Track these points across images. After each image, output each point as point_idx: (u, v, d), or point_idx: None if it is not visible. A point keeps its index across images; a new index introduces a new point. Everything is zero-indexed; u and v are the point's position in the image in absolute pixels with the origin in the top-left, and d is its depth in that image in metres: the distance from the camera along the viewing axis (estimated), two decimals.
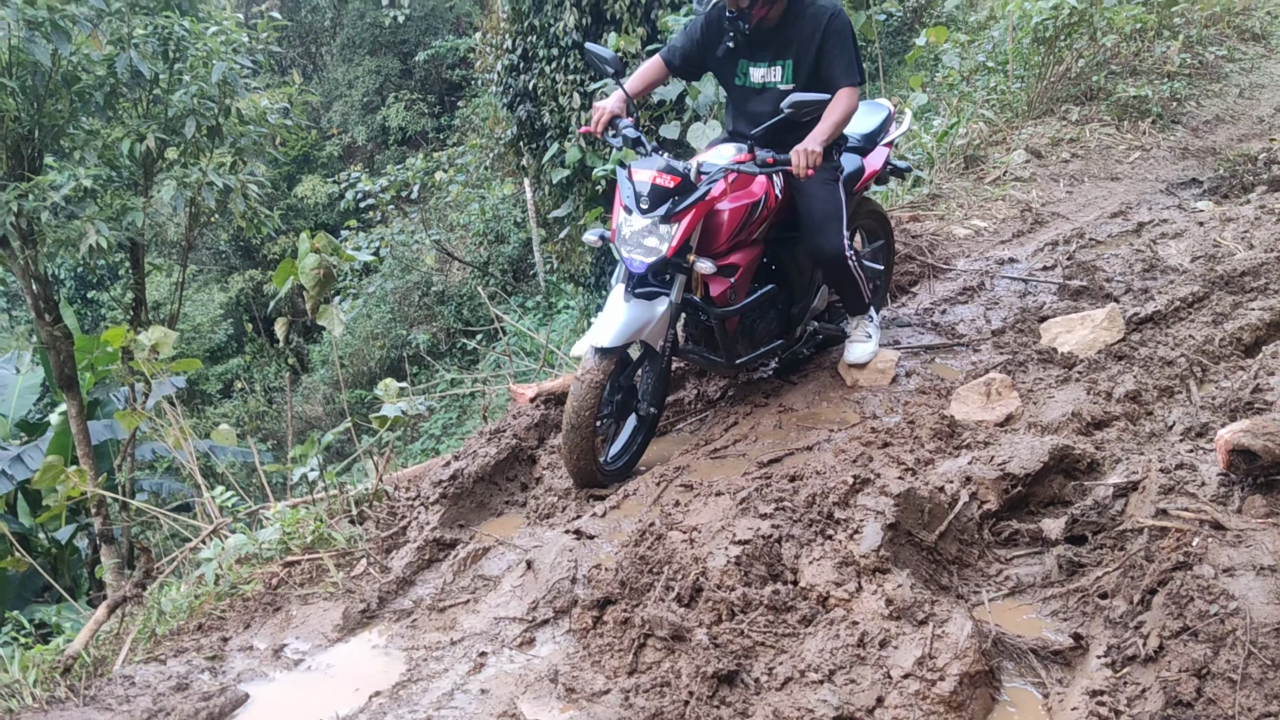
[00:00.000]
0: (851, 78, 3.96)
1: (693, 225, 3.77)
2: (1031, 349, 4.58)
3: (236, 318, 21.86)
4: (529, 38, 11.45)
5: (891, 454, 3.77)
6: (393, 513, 3.86)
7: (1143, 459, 3.44)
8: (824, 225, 4.13)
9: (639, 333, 3.77)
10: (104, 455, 9.86)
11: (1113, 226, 6.05)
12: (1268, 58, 9.12)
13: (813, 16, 3.97)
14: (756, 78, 4.15)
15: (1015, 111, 7.92)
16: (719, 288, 3.98)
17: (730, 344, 4.14)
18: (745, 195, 3.97)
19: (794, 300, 4.40)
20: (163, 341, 5.24)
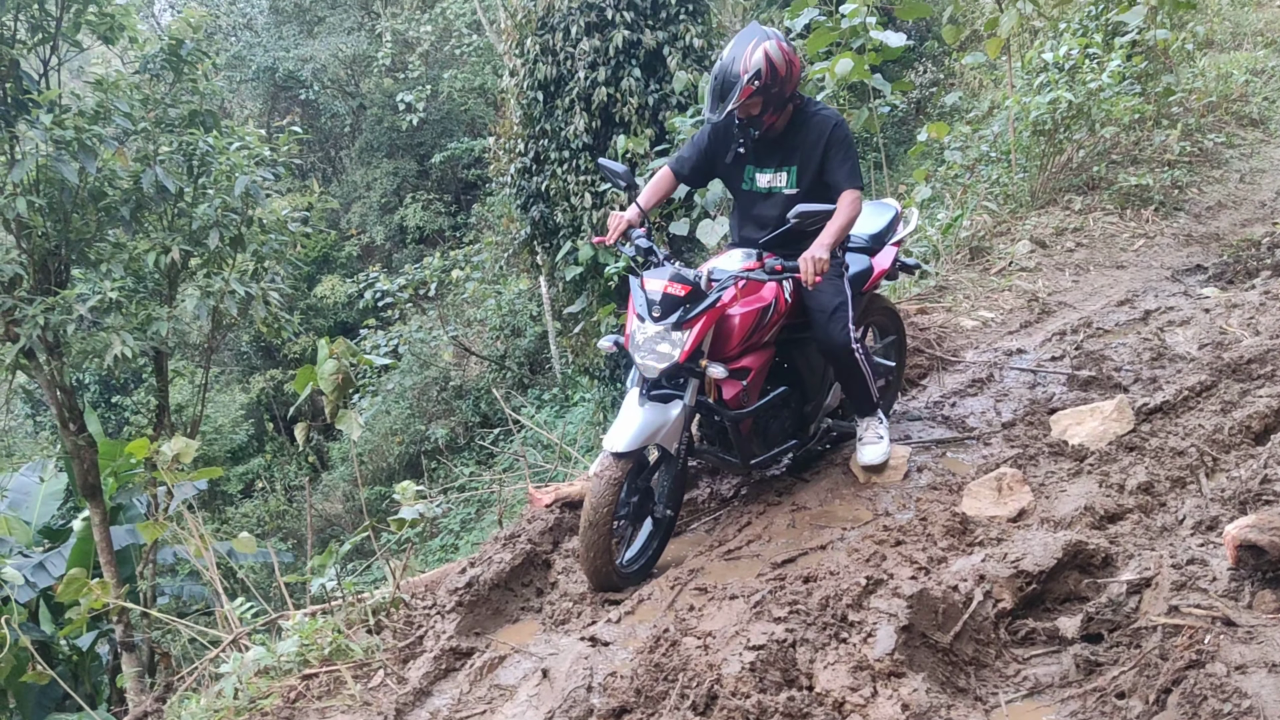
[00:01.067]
0: (854, 183, 4.09)
1: (704, 331, 3.87)
2: (1042, 442, 4.61)
3: (258, 417, 22.05)
4: (541, 141, 11.74)
5: (904, 553, 3.79)
6: (409, 622, 3.89)
7: (1155, 554, 3.44)
8: (831, 318, 4.22)
9: (654, 436, 3.84)
10: (126, 560, 9.91)
11: (1119, 315, 6.11)
12: (1267, 142, 9.26)
13: (817, 125, 4.14)
14: (762, 183, 4.29)
15: (1019, 202, 8.05)
16: (732, 391, 4.05)
17: (745, 444, 4.19)
18: (756, 300, 4.08)
19: (807, 399, 4.47)
20: (185, 451, 5.33)
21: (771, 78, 3.99)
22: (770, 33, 4.08)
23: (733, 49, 4.04)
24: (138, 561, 9.86)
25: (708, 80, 4.23)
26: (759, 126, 4.14)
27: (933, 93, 14.99)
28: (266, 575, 12.30)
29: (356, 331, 19.01)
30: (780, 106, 4.11)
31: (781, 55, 4.02)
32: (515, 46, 11.93)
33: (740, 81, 3.95)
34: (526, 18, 11.54)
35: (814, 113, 4.19)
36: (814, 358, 4.44)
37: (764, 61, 3.96)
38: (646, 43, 11.28)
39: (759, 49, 3.97)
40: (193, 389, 17.76)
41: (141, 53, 8.88)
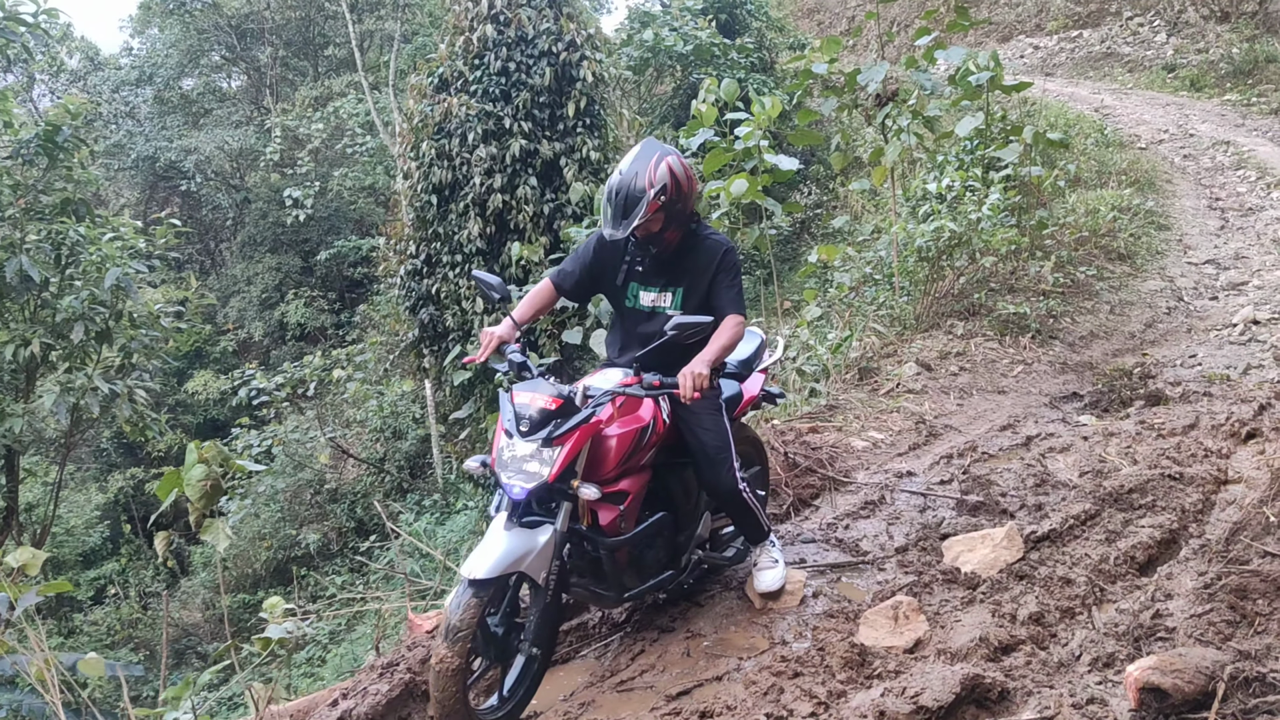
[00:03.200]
0: (739, 309, 3.98)
1: (576, 449, 3.61)
2: (935, 569, 4.58)
3: (114, 518, 20.85)
4: (433, 244, 11.66)
5: (803, 685, 3.66)
6: None
7: (1054, 693, 3.40)
8: (717, 460, 4.10)
9: (518, 563, 3.50)
10: None
11: (1003, 439, 6.23)
12: (1134, 276, 9.77)
13: (708, 249, 4.02)
14: (646, 301, 4.12)
15: (904, 325, 8.26)
16: (609, 515, 3.80)
17: (619, 576, 3.91)
18: (633, 420, 3.89)
19: (681, 528, 4.22)
20: (31, 563, 4.94)
21: (676, 193, 3.89)
22: (669, 149, 3.98)
23: (633, 164, 3.89)
24: None
25: (604, 195, 4.02)
26: (658, 244, 4.02)
27: (818, 214, 15.51)
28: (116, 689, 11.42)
29: (228, 430, 18.26)
30: (681, 223, 3.99)
31: (683, 170, 3.94)
32: (410, 150, 11.91)
33: (646, 196, 3.81)
34: (423, 121, 11.56)
35: (706, 236, 4.07)
36: (689, 483, 4.25)
37: (669, 176, 3.85)
38: (544, 153, 11.39)
39: (662, 163, 3.87)
40: (45, 488, 16.68)
41: (15, 137, 8.52)
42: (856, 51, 22.87)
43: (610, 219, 3.90)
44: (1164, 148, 15.31)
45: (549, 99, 11.55)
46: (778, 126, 9.83)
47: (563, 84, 11.63)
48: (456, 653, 3.37)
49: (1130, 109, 17.81)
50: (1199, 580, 3.72)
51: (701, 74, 16.29)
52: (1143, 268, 9.90)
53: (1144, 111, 17.57)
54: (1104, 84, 20.53)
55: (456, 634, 3.37)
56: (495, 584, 3.49)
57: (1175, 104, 18.09)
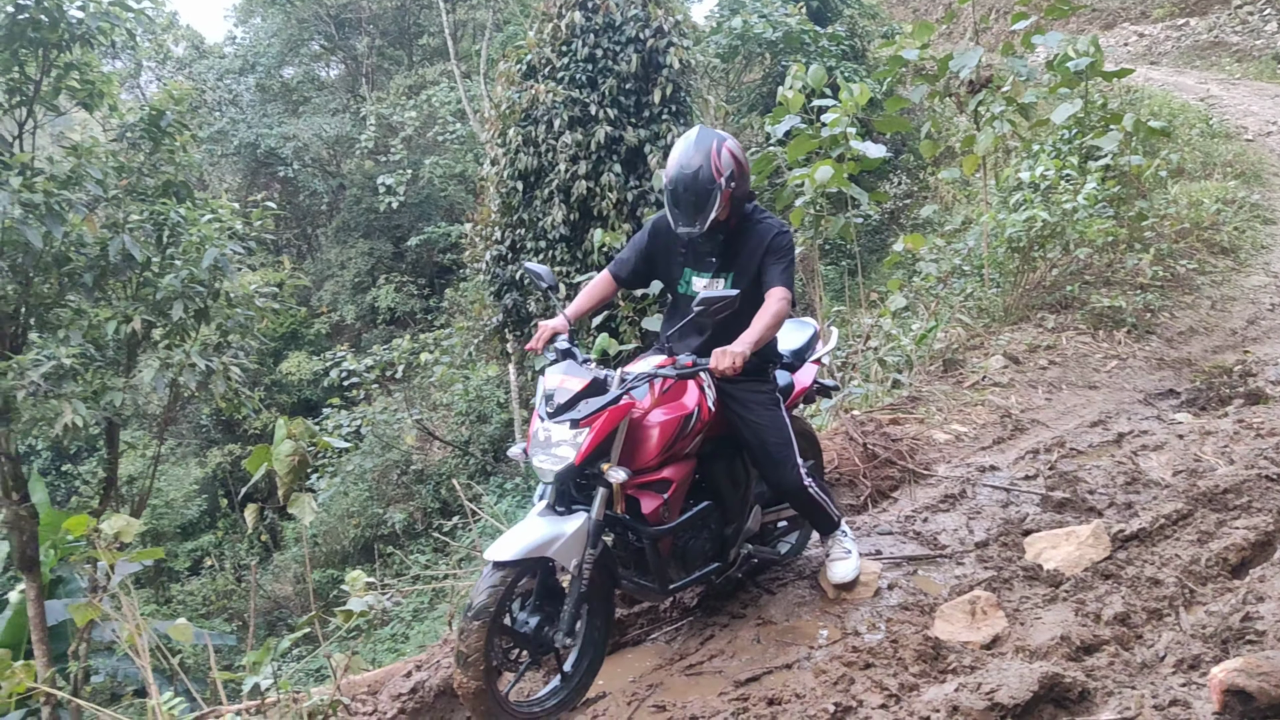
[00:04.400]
0: (784, 283, 3.84)
1: (603, 431, 3.52)
2: (1016, 564, 4.47)
3: (212, 493, 21.56)
4: (518, 230, 11.77)
5: (874, 677, 3.61)
6: None
7: (1136, 694, 3.29)
8: (779, 459, 4.03)
9: (545, 548, 3.41)
10: (61, 636, 9.51)
11: (1093, 436, 6.05)
12: (1237, 271, 9.39)
13: (760, 233, 3.93)
14: (699, 287, 4.02)
15: (992, 317, 8.06)
16: (651, 504, 3.73)
17: (663, 567, 3.85)
18: (677, 408, 3.81)
19: (728, 520, 4.15)
20: (125, 530, 5.10)
21: (741, 176, 3.83)
22: (723, 134, 3.89)
23: (692, 155, 3.77)
24: (73, 637, 9.45)
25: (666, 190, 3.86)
26: (723, 230, 3.92)
27: (907, 204, 15.24)
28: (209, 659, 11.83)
29: (320, 410, 18.73)
30: (741, 206, 3.92)
31: (740, 152, 3.88)
32: (498, 136, 12.03)
33: (718, 187, 3.74)
34: (511, 109, 11.66)
35: (759, 220, 3.97)
36: (738, 474, 4.18)
37: (734, 162, 3.79)
38: (628, 140, 11.40)
39: (724, 149, 3.79)
40: (145, 461, 17.33)
41: (121, 121, 8.83)
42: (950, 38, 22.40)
43: (684, 217, 3.80)
44: (1272, 140, 14.68)
45: (635, 86, 11.56)
46: (866, 114, 9.67)
47: (649, 71, 11.62)
48: (476, 637, 3.31)
49: (1237, 99, 17.12)
50: None
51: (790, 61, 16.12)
52: (1246, 262, 9.50)
53: (1251, 102, 16.87)
54: (1210, 73, 19.77)
55: (476, 615, 3.31)
56: (520, 567, 3.42)
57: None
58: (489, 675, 3.36)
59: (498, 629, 3.40)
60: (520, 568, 3.42)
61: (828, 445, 6.07)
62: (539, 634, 3.54)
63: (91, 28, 8.02)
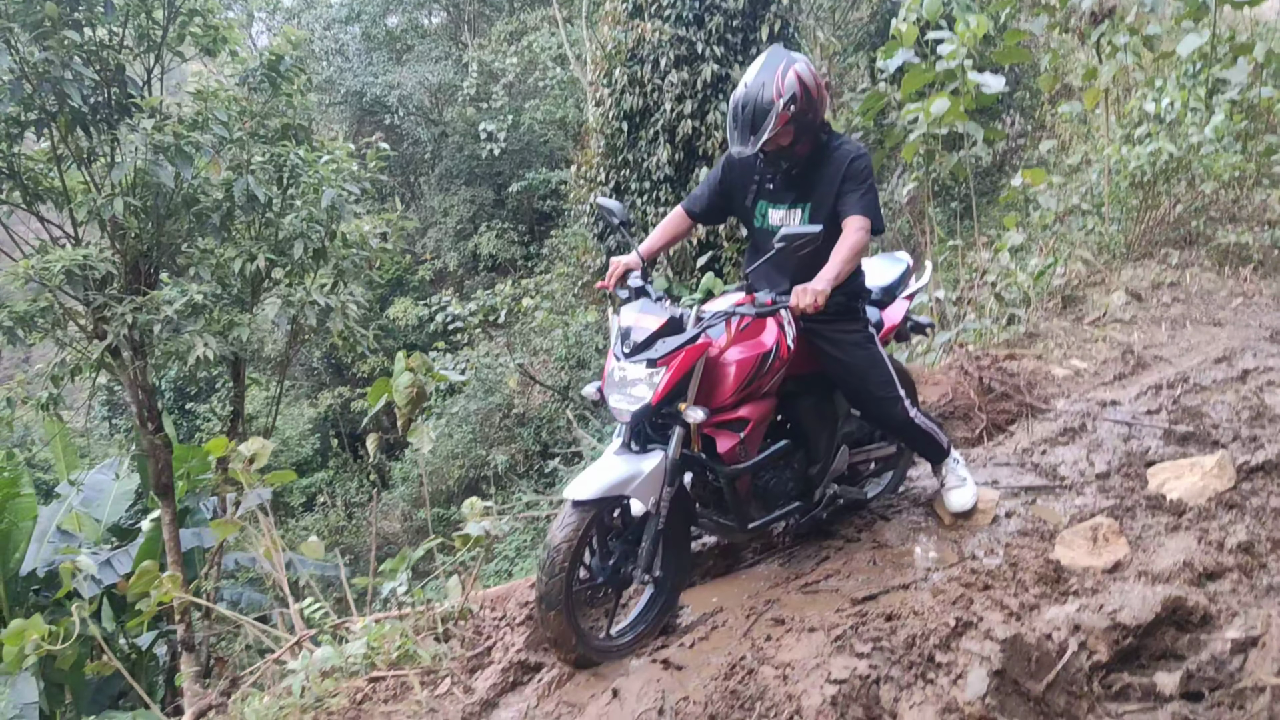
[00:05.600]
0: (865, 211, 3.73)
1: (680, 370, 3.49)
2: (1139, 494, 4.42)
3: (324, 433, 22.33)
4: (622, 171, 11.82)
5: (993, 597, 3.63)
6: (478, 632, 3.83)
7: (1262, 613, 3.26)
8: (882, 396, 4.00)
9: (622, 487, 3.43)
10: (190, 563, 10.03)
11: (1217, 372, 5.89)
12: None
13: (837, 159, 3.81)
14: (775, 219, 3.94)
15: (1113, 253, 7.85)
16: (728, 443, 3.70)
17: (741, 506, 3.84)
18: (755, 346, 3.75)
19: (812, 460, 4.10)
20: (260, 453, 5.35)
21: (806, 102, 3.69)
22: (796, 55, 3.78)
23: (759, 75, 3.68)
24: (201, 564, 9.97)
25: (730, 110, 3.78)
26: (790, 158, 3.82)
27: (1021, 144, 14.80)
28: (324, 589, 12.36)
29: (426, 354, 19.19)
30: (812, 135, 3.79)
31: (812, 77, 3.74)
32: (603, 77, 12.05)
33: (775, 108, 3.62)
34: (616, 48, 11.66)
35: (836, 147, 3.84)
36: (823, 413, 4.11)
37: (798, 84, 3.66)
38: (735, 78, 11.30)
39: (790, 71, 3.67)
40: (265, 400, 18.03)
41: (241, 67, 9.11)
42: None
43: (738, 135, 3.72)
44: None
45: (742, 23, 11.45)
46: (983, 48, 9.42)
47: (756, 7, 11.49)
48: (557, 574, 3.34)
49: None
50: None
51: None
52: None
53: None
54: None
55: (557, 553, 3.35)
56: (599, 506, 3.44)
57: None
58: (570, 611, 3.41)
59: (578, 566, 3.45)
60: (599, 506, 3.44)
61: (942, 380, 6.03)
62: (618, 570, 3.60)
63: None
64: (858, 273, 4.03)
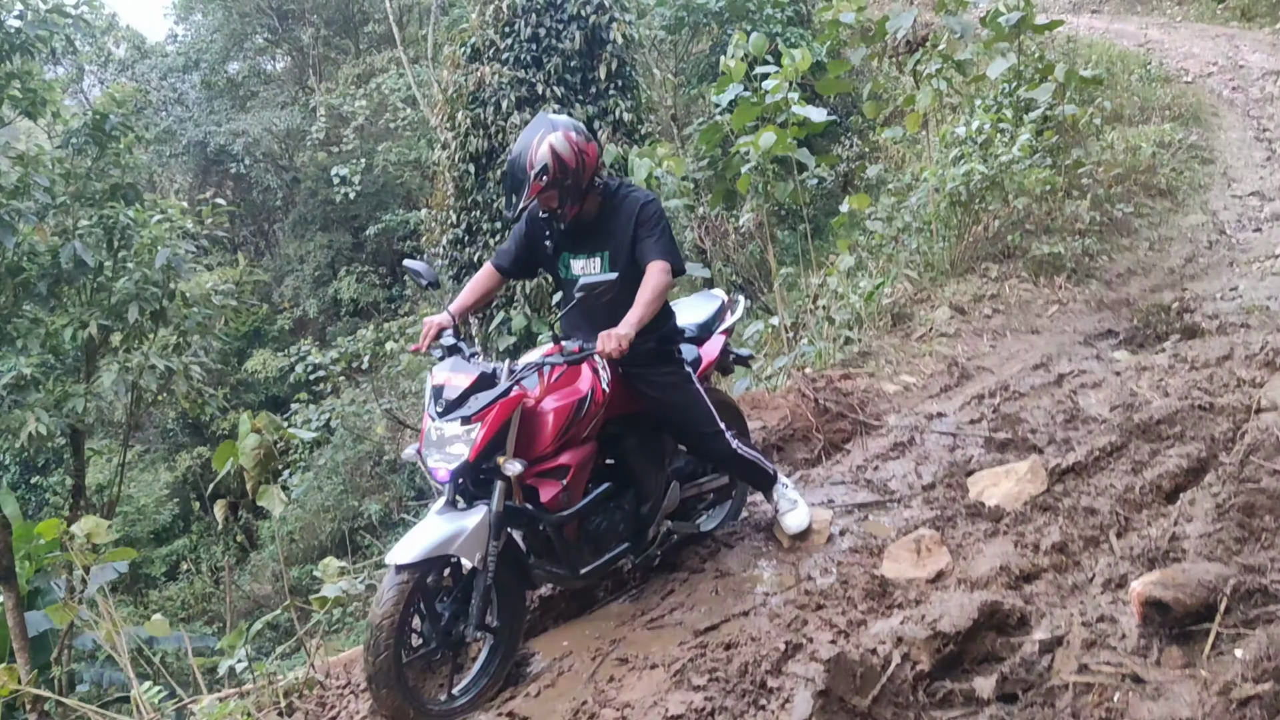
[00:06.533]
0: (665, 256, 3.88)
1: (496, 424, 3.53)
2: (960, 503, 4.66)
3: (183, 497, 21.51)
4: (473, 213, 11.84)
5: (825, 616, 3.79)
6: (322, 704, 3.78)
7: (1066, 613, 3.49)
8: (704, 432, 4.17)
9: (446, 546, 3.43)
10: (44, 646, 9.54)
11: (1035, 378, 6.25)
12: (1175, 211, 9.64)
13: (628, 207, 3.96)
14: (577, 269, 4.06)
15: (939, 270, 8.26)
16: (551, 491, 3.76)
17: (571, 552, 3.90)
18: (570, 393, 3.83)
19: (642, 500, 4.18)
20: (96, 531, 5.17)
21: (561, 171, 3.77)
22: (559, 123, 3.86)
23: (521, 141, 3.82)
24: (55, 647, 9.51)
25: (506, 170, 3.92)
26: (563, 219, 3.95)
27: (859, 167, 15.40)
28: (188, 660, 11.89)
29: (288, 406, 18.72)
30: (577, 198, 3.89)
31: (569, 147, 3.80)
32: (446, 120, 12.07)
33: (528, 178, 3.75)
34: (458, 92, 11.70)
35: (625, 195, 4.00)
36: (651, 453, 4.21)
37: (550, 156, 3.75)
38: (577, 117, 11.47)
39: (544, 144, 3.76)
40: (113, 468, 17.30)
41: (66, 127, 8.82)
42: None
43: (505, 196, 3.88)
44: (1212, 80, 14.96)
45: (580, 63, 11.64)
46: (810, 79, 9.80)
47: (593, 47, 11.70)
48: (383, 644, 3.31)
49: (1178, 42, 17.38)
50: (1213, 502, 3.76)
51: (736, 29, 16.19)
52: (1184, 203, 9.75)
53: (1193, 44, 17.14)
54: (1151, 18, 20.03)
55: (380, 630, 3.32)
56: (422, 569, 3.44)
57: (1225, 35, 17.61)
58: (403, 686, 3.40)
59: (404, 637, 3.44)
60: (423, 568, 3.44)
61: (781, 404, 6.24)
62: (449, 632, 3.59)
63: (30, 36, 8.02)
64: (668, 316, 4.19)
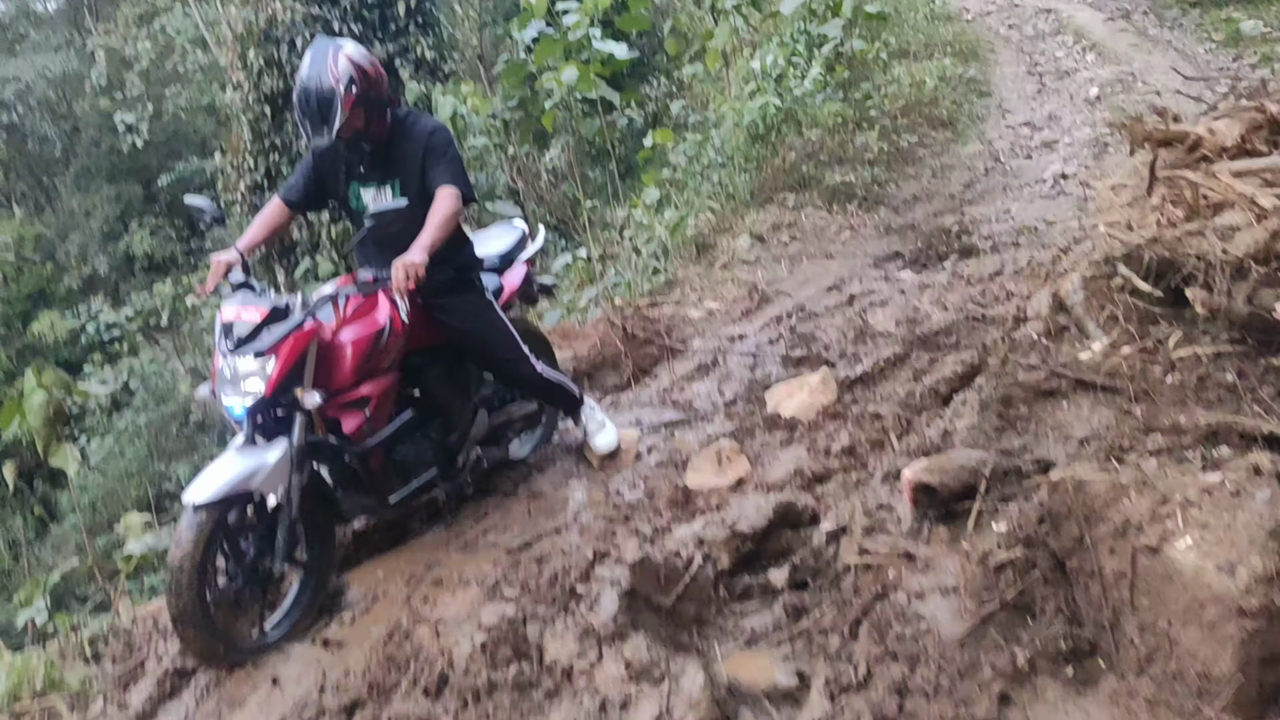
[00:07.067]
0: (454, 182, 3.85)
1: (291, 357, 3.49)
2: (759, 416, 4.93)
3: None
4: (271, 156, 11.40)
5: (632, 526, 3.97)
6: (130, 647, 3.71)
7: (849, 505, 3.78)
8: (508, 358, 4.25)
9: (246, 482, 3.39)
10: None
11: (828, 300, 6.60)
12: (955, 141, 10.24)
13: (416, 135, 3.92)
14: (368, 199, 4.00)
15: (740, 201, 8.55)
16: (353, 422, 3.76)
17: (379, 482, 3.93)
18: (368, 325, 3.82)
19: (449, 429, 4.25)
20: None
21: (365, 82, 3.73)
22: (340, 41, 3.83)
23: (311, 67, 3.70)
24: None
25: (295, 106, 3.79)
26: (369, 139, 3.87)
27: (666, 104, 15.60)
28: None
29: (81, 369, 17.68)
30: (381, 112, 3.86)
31: (365, 58, 3.79)
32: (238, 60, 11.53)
33: (338, 94, 3.65)
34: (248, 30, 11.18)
35: (413, 123, 3.96)
36: (456, 382, 4.26)
37: (352, 68, 3.69)
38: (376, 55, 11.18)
39: (340, 57, 3.70)
40: None
41: None
42: None
43: (311, 128, 3.73)
44: (990, 19, 15.85)
45: None
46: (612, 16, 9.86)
47: None
48: (184, 590, 3.28)
49: None
50: (978, 399, 4.12)
51: None
52: (963, 133, 10.37)
53: None
54: None
55: (180, 573, 3.27)
56: (221, 508, 3.40)
57: None
58: (209, 625, 3.36)
59: (207, 577, 3.38)
60: (223, 506, 3.40)
61: (591, 333, 6.38)
62: (256, 569, 3.56)
63: None
64: (464, 243, 4.21)
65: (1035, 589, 2.95)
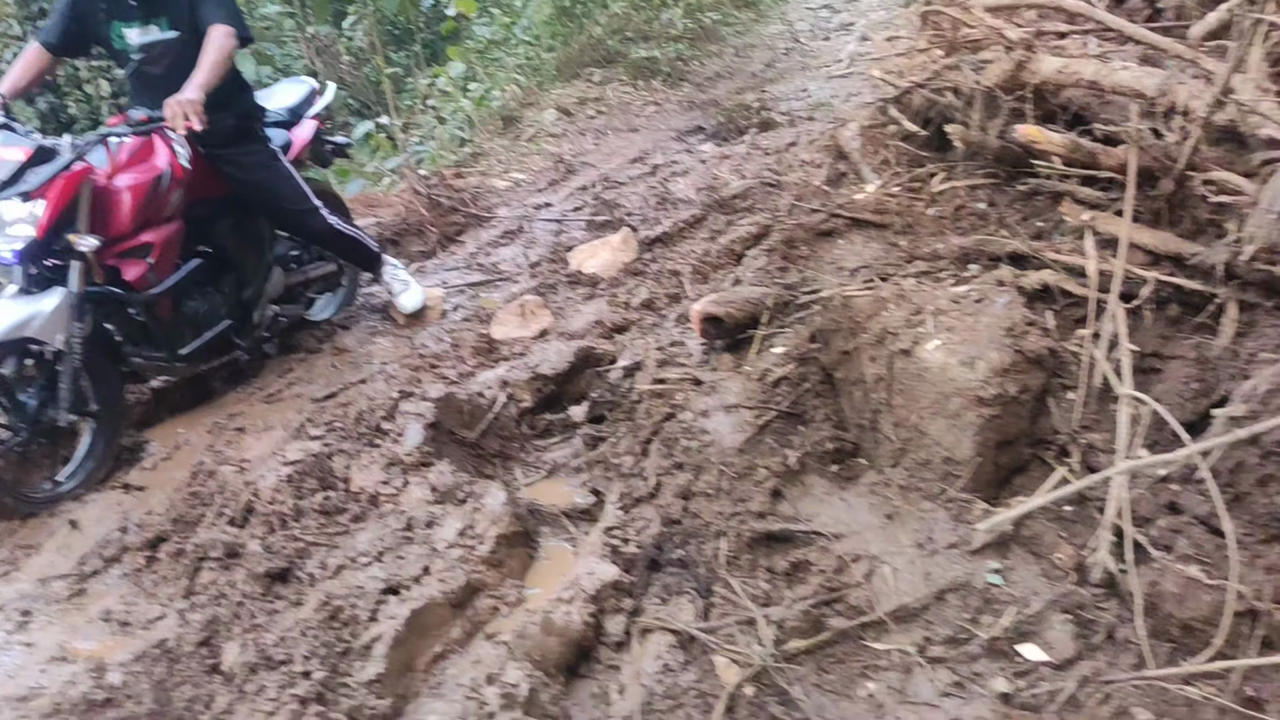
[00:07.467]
0: (224, 18, 3.66)
1: (63, 199, 3.35)
2: (562, 274, 5.08)
3: None
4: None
5: (438, 372, 4.09)
6: None
7: (644, 343, 4.00)
8: (298, 209, 4.19)
9: (20, 330, 3.29)
10: None
11: (633, 170, 6.75)
12: (757, 21, 10.46)
13: None
14: (133, 38, 3.76)
15: (545, 76, 8.54)
16: (136, 271, 3.66)
17: (168, 334, 3.85)
18: (147, 170, 3.69)
19: (243, 284, 4.21)
20: None
21: None
22: None
23: None
24: None
25: None
26: None
27: None
28: None
29: None
30: None
31: None
32: None
33: None
34: None
35: None
36: (247, 237, 4.19)
37: None
38: None
39: None
40: None
41: None
42: None
43: None
44: None
45: None
46: None
47: None
48: None
49: None
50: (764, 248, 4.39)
51: None
52: (766, 13, 10.60)
53: None
54: None
55: None
56: None
57: None
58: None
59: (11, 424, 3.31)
60: None
61: (395, 202, 6.34)
62: (38, 420, 3.46)
63: None
64: (243, 89, 4.08)
65: (807, 399, 3.25)
